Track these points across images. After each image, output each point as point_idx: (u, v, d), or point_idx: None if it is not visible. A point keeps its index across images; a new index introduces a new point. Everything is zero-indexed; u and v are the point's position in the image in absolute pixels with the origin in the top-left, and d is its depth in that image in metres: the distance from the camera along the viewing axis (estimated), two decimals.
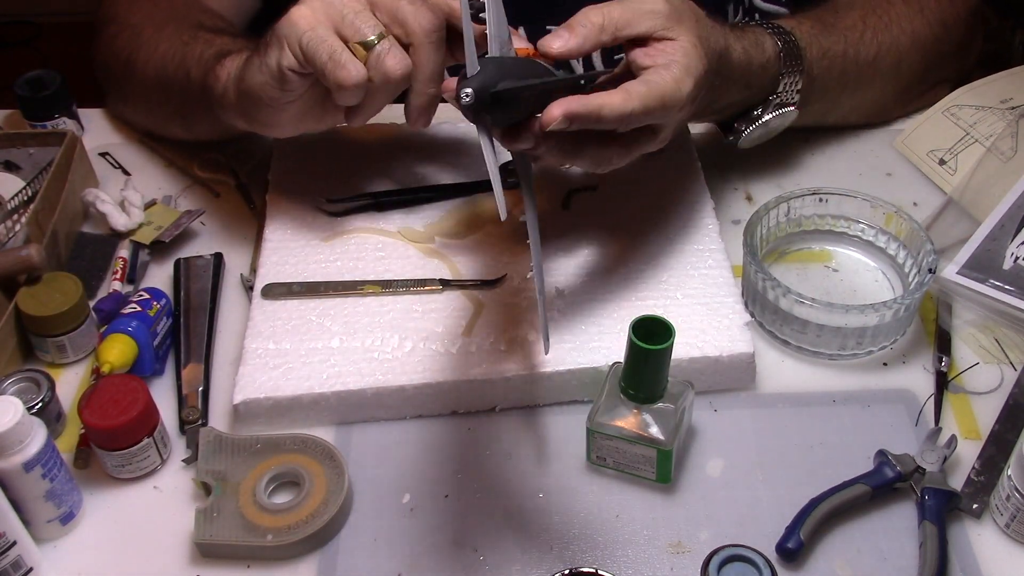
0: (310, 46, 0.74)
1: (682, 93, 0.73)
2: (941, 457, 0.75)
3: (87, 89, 1.07)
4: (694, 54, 0.74)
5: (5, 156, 0.98)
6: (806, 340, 0.83)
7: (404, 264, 0.87)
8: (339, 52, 0.74)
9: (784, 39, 0.88)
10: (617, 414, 0.74)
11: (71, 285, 0.84)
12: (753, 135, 0.91)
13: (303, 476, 0.75)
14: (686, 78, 0.73)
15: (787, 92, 0.90)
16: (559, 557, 0.72)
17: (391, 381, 0.79)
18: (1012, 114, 0.99)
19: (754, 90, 0.88)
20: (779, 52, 0.88)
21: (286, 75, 0.76)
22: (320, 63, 0.74)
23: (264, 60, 0.77)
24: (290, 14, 0.75)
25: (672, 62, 0.74)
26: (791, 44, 0.88)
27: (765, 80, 0.88)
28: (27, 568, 0.71)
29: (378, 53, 0.74)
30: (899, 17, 0.97)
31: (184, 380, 0.83)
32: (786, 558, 0.71)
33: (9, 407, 0.68)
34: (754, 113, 0.90)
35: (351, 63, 0.74)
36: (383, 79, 0.75)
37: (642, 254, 0.87)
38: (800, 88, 0.90)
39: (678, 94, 0.73)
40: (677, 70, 0.73)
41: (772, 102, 0.90)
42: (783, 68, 0.88)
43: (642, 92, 0.71)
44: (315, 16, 0.74)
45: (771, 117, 0.90)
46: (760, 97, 0.90)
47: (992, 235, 0.87)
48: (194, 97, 0.88)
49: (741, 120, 0.91)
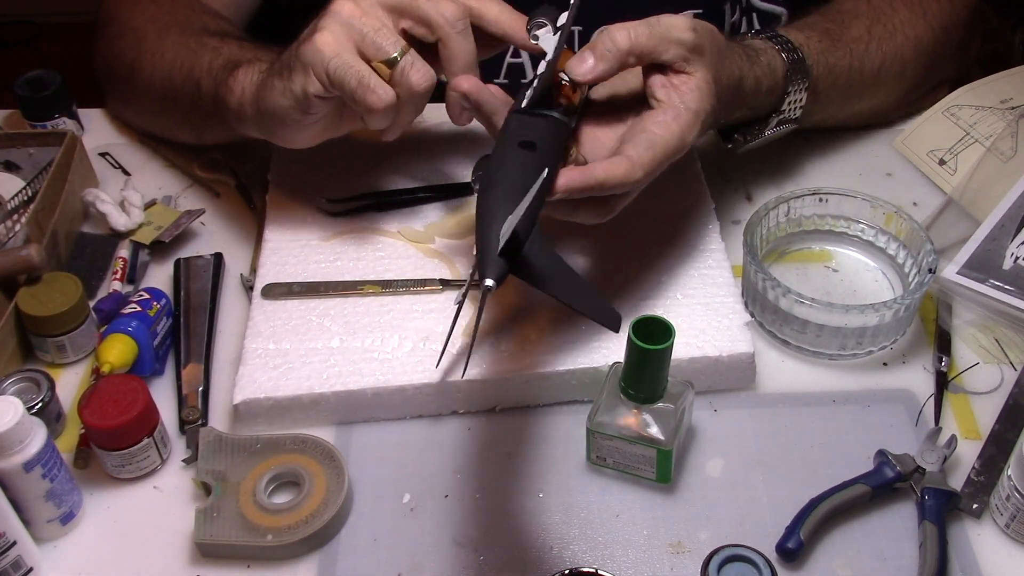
0: (337, 73, 0.74)
1: (686, 142, 0.73)
2: (941, 457, 0.75)
3: (87, 89, 1.07)
4: (706, 93, 0.73)
5: (5, 156, 0.98)
6: (806, 340, 0.83)
7: (404, 264, 0.87)
8: (367, 77, 0.75)
9: (792, 57, 0.87)
10: (617, 414, 0.74)
11: (71, 285, 0.84)
12: (751, 144, 0.91)
13: (303, 476, 0.75)
14: (694, 126, 0.73)
15: (791, 109, 0.89)
16: (559, 557, 0.72)
17: (391, 381, 0.79)
18: (1012, 114, 0.99)
19: (759, 109, 0.88)
20: (786, 73, 0.87)
21: (311, 101, 0.77)
22: (349, 90, 0.74)
23: (288, 86, 0.77)
24: (314, 41, 0.75)
25: (684, 110, 0.72)
26: (798, 62, 0.87)
27: (772, 100, 0.88)
28: (27, 568, 0.72)
29: (402, 68, 0.75)
30: (903, 24, 0.96)
31: (184, 380, 0.83)
32: (786, 558, 0.71)
33: (9, 407, 0.68)
34: (756, 128, 0.90)
35: (380, 87, 0.75)
36: (409, 94, 0.76)
37: (642, 254, 0.87)
38: (803, 104, 0.89)
39: (683, 144, 0.72)
40: (687, 118, 0.72)
41: (774, 119, 0.89)
42: (788, 87, 0.87)
43: (646, 160, 0.70)
44: (338, 42, 0.75)
45: (771, 132, 0.90)
46: (763, 113, 0.89)
47: (992, 235, 0.87)
48: (205, 108, 0.89)
49: (742, 132, 0.90)
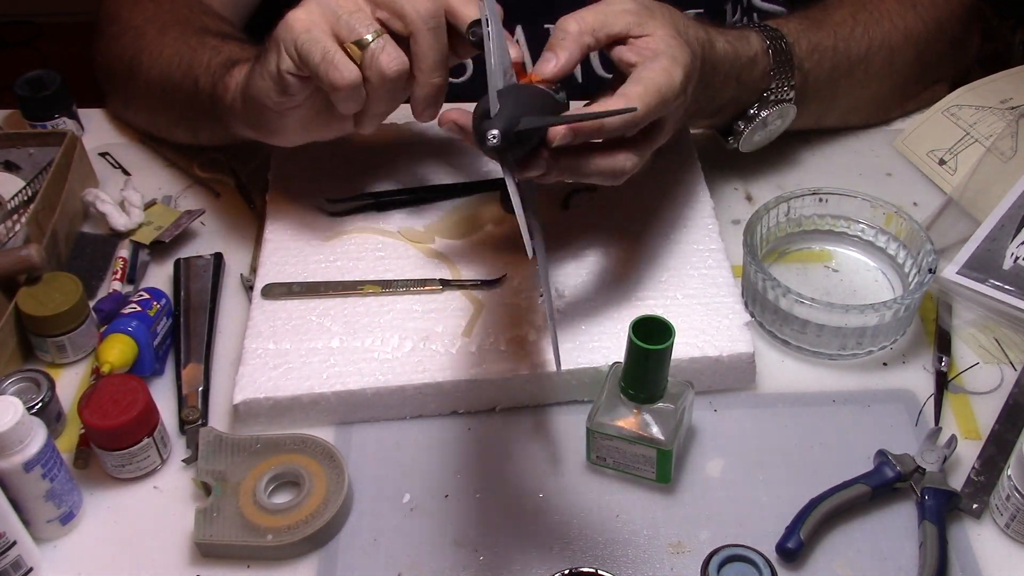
0: (304, 47, 0.74)
1: (675, 81, 0.73)
2: (941, 457, 0.75)
3: (87, 89, 1.07)
4: (675, 44, 0.75)
5: (5, 156, 0.98)
6: (806, 340, 0.83)
7: (404, 264, 0.87)
8: (332, 52, 0.74)
9: (770, 35, 0.89)
10: (617, 414, 0.74)
11: (71, 285, 0.84)
12: (754, 137, 0.92)
13: (303, 476, 0.75)
14: (674, 67, 0.74)
15: (780, 89, 0.90)
16: (559, 557, 0.72)
17: (391, 381, 0.79)
18: (1012, 114, 0.99)
19: (747, 86, 0.89)
20: (767, 48, 0.88)
21: (285, 79, 0.76)
22: (313, 64, 0.74)
23: (264, 66, 0.77)
24: (287, 18, 0.75)
25: (658, 54, 0.74)
26: (778, 39, 0.89)
27: (756, 75, 0.88)
28: (27, 568, 0.72)
29: (372, 51, 0.74)
30: (890, 12, 0.97)
31: (184, 380, 0.83)
32: (786, 558, 0.71)
33: (9, 407, 0.68)
34: (751, 112, 0.90)
35: (343, 63, 0.74)
36: (379, 77, 0.75)
37: (642, 254, 0.87)
38: (794, 84, 0.90)
39: (672, 83, 0.73)
40: (665, 60, 0.74)
41: (768, 99, 0.90)
42: (772, 64, 0.88)
43: (639, 92, 0.71)
44: (310, 18, 0.75)
45: (769, 114, 0.90)
46: (754, 95, 0.90)
47: (992, 235, 0.87)
48: (202, 106, 0.88)
49: (740, 120, 0.91)
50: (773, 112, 0.91)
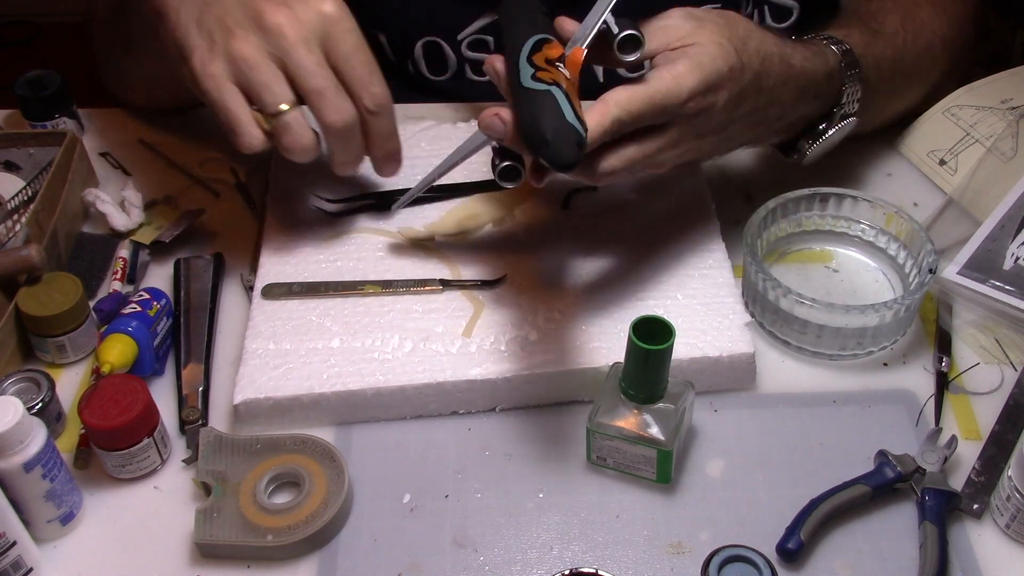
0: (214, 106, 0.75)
1: (682, 88, 0.72)
2: (941, 457, 0.75)
3: (87, 89, 1.07)
4: (711, 51, 0.73)
5: (5, 156, 0.98)
6: (806, 340, 0.83)
7: (404, 264, 0.87)
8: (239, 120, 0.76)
9: (842, 48, 0.86)
10: (617, 414, 0.74)
11: (71, 285, 0.84)
12: (816, 151, 0.89)
13: (303, 476, 0.75)
14: (691, 73, 0.72)
15: (849, 102, 0.87)
16: (559, 557, 0.72)
17: (391, 381, 0.79)
18: (1012, 114, 0.99)
19: (823, 100, 0.86)
20: (840, 62, 0.86)
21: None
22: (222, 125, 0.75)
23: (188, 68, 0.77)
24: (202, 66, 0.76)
25: (679, 59, 0.73)
26: (849, 53, 0.87)
27: (832, 91, 0.86)
28: (27, 568, 0.72)
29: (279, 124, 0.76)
30: (929, 21, 0.96)
31: (184, 380, 0.83)
32: (786, 558, 0.71)
33: (9, 407, 0.68)
34: (820, 128, 0.87)
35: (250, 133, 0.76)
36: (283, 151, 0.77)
37: (642, 254, 0.87)
38: (860, 97, 0.88)
39: (677, 89, 0.72)
40: (682, 66, 0.72)
41: (836, 114, 0.87)
42: (846, 79, 0.86)
43: (621, 98, 0.70)
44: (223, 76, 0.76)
45: (835, 131, 0.88)
46: (825, 111, 0.87)
47: (992, 235, 0.87)
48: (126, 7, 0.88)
49: (807, 137, 0.88)
50: (839, 128, 0.88)
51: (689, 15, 0.76)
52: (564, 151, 0.65)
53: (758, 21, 1.04)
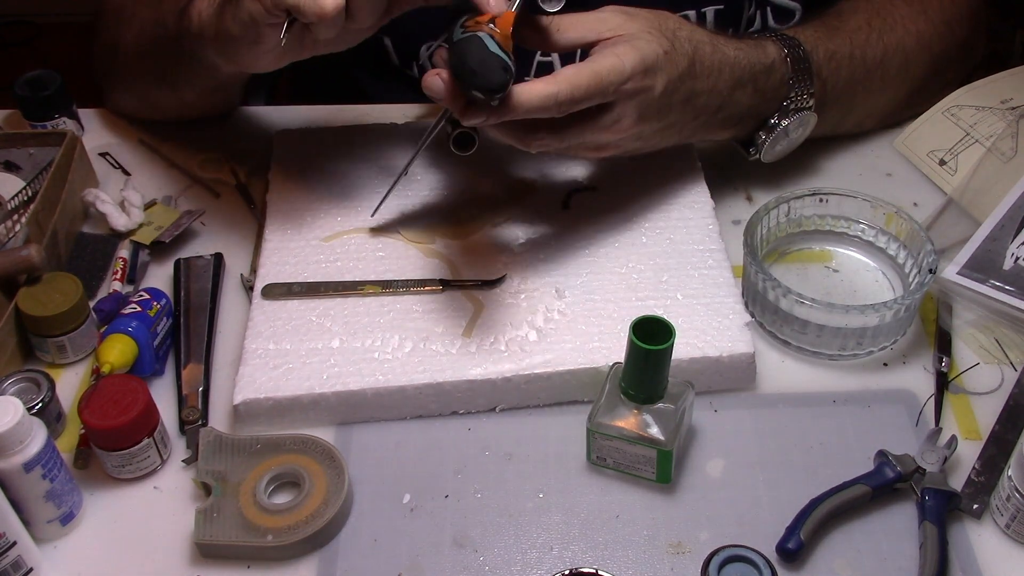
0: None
1: (624, 65, 0.76)
2: (941, 457, 0.75)
3: (87, 89, 1.07)
4: (646, 37, 0.78)
5: (5, 156, 0.98)
6: (806, 340, 0.83)
7: (404, 264, 0.87)
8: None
9: (788, 43, 0.88)
10: (617, 414, 0.74)
11: (71, 285, 0.84)
12: (776, 147, 0.91)
13: (303, 476, 0.75)
14: (630, 53, 0.77)
15: (800, 97, 0.89)
16: (559, 557, 0.72)
17: (391, 381, 0.79)
18: (1012, 114, 0.99)
19: (765, 95, 0.88)
20: (784, 56, 0.88)
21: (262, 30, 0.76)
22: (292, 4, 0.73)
23: (236, 14, 0.76)
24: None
25: (618, 42, 0.77)
26: (795, 47, 0.88)
27: (774, 83, 0.88)
28: (27, 568, 0.71)
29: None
30: (903, 18, 0.97)
31: (184, 380, 0.83)
32: (786, 558, 0.71)
33: (9, 407, 0.68)
34: (771, 122, 0.90)
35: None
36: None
37: (642, 254, 0.87)
38: (813, 92, 0.89)
39: (620, 67, 0.76)
40: (621, 47, 0.77)
41: (788, 109, 0.89)
42: (791, 72, 0.88)
43: (569, 74, 0.74)
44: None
45: (789, 123, 0.90)
46: (774, 105, 0.89)
47: (992, 235, 0.87)
48: (173, 48, 0.88)
49: (761, 131, 0.91)
50: (794, 121, 0.90)
51: (622, 10, 0.81)
52: (491, 75, 0.69)
53: (761, 22, 1.04)
